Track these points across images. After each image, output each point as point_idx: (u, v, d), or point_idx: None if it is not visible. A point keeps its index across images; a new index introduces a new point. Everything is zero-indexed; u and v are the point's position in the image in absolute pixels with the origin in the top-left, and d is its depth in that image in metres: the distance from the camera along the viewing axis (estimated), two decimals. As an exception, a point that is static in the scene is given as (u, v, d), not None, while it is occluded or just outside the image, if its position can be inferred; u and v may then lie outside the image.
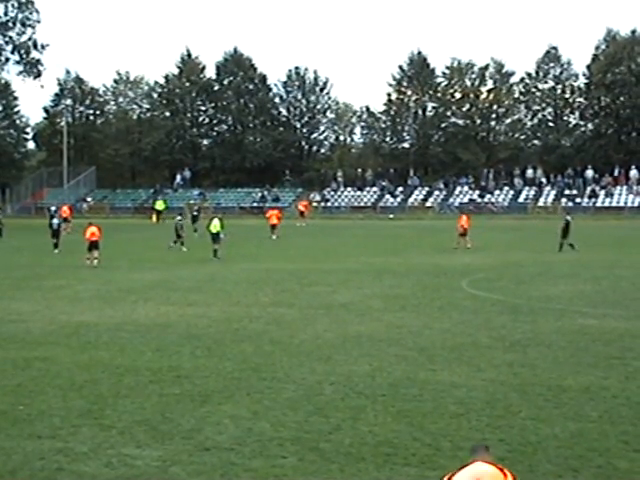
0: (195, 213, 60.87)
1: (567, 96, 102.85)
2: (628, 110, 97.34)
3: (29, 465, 11.09)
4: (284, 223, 67.91)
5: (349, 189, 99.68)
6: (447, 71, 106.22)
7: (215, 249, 40.99)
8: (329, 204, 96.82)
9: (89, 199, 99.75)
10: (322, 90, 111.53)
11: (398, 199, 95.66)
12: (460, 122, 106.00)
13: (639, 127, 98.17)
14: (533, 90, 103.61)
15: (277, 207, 69.76)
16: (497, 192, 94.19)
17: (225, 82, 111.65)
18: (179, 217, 48.75)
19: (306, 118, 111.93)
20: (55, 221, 49.57)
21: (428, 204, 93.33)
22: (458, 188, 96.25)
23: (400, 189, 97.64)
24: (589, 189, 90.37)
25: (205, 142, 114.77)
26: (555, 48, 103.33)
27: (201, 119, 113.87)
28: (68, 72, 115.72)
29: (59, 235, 48.19)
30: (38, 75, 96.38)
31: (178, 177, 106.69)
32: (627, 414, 12.96)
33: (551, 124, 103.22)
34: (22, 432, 12.40)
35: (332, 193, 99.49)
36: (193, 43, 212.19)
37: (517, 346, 18.17)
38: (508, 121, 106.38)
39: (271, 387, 14.77)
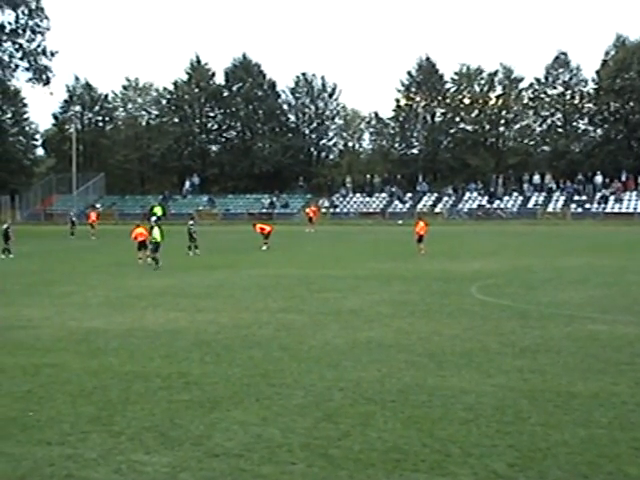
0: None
1: (576, 102, 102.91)
2: (637, 115, 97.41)
3: (39, 471, 11.08)
4: (293, 229, 67.99)
5: (358, 195, 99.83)
6: (456, 77, 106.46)
7: (150, 257, 39.51)
8: (338, 210, 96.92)
9: (98, 205, 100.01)
10: (330, 96, 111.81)
11: (407, 205, 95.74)
12: (469, 128, 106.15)
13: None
14: (542, 96, 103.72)
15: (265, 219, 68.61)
16: (506, 198, 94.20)
17: (234, 88, 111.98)
18: (191, 222, 49.31)
19: (315, 124, 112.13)
20: (5, 226, 49.49)
21: (437, 210, 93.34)
22: (467, 194, 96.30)
23: (409, 195, 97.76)
24: (598, 195, 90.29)
25: (214, 148, 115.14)
26: (564, 54, 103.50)
27: (210, 125, 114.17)
28: (77, 79, 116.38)
29: (8, 239, 48.10)
30: (47, 82, 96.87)
31: (187, 183, 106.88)
32: (637, 420, 12.90)
33: (560, 130, 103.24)
34: (31, 438, 12.39)
35: (341, 199, 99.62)
36: (202, 49, 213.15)
37: (527, 352, 18.11)
38: (517, 127, 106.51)
39: (280, 393, 14.74)
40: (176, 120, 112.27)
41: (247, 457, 11.44)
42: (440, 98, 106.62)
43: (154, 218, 58.36)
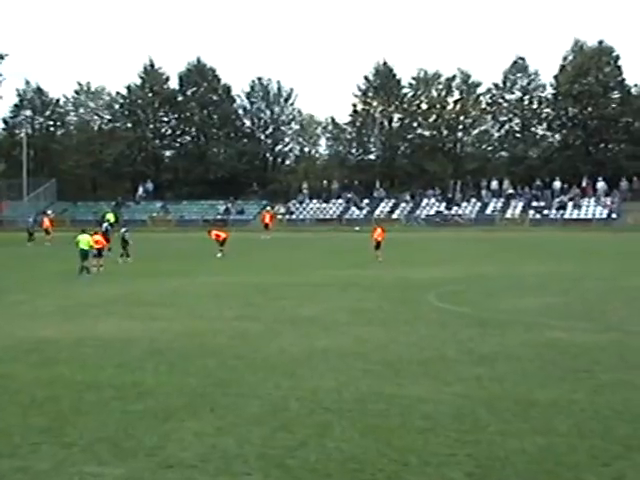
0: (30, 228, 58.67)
1: (534, 107, 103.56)
2: (595, 121, 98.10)
3: (-13, 485, 10.84)
4: (248, 236, 67.87)
5: (314, 201, 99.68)
6: (413, 82, 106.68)
7: (85, 266, 38.97)
8: (294, 216, 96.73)
9: (49, 211, 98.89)
10: (286, 101, 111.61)
11: (364, 211, 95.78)
12: (426, 133, 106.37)
13: (606, 138, 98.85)
14: (500, 101, 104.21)
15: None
16: (464, 204, 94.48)
17: (188, 93, 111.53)
18: (124, 229, 49.00)
19: (270, 129, 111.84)
20: None
21: (394, 216, 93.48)
22: (425, 200, 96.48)
23: (366, 201, 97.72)
24: (557, 201, 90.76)
25: (168, 153, 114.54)
26: (522, 59, 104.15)
27: (164, 130, 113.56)
28: (28, 83, 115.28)
29: None
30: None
31: (140, 189, 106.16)
32: (595, 428, 12.86)
33: (518, 135, 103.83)
34: (-20, 451, 12.13)
35: (297, 205, 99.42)
36: (156, 53, 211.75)
37: (485, 360, 18.06)
38: (475, 132, 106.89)
39: (235, 403, 14.57)
40: (129, 125, 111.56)
41: (202, 468, 11.28)
42: (397, 103, 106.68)
43: (105, 224, 57.94)
